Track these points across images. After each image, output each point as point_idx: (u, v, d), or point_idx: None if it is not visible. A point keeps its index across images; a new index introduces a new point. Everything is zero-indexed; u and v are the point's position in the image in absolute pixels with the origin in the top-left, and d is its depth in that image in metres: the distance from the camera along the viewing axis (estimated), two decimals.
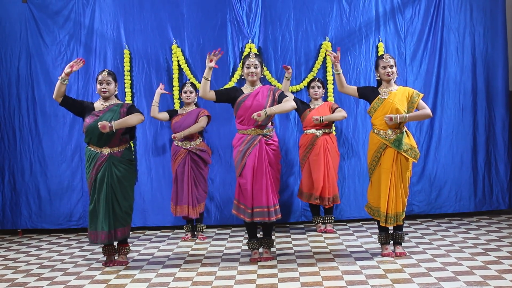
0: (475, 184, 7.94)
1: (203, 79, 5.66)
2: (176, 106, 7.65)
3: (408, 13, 7.87)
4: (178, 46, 7.73)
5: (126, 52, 7.72)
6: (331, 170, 7.07)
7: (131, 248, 6.26)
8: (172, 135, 7.05)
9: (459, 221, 7.63)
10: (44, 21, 7.76)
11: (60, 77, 5.57)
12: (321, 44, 7.76)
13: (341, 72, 5.76)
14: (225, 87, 7.67)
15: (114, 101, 5.79)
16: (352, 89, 5.85)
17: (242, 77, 5.93)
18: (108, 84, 5.70)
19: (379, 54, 7.73)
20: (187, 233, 7.17)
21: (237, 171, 5.75)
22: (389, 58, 5.69)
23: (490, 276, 4.88)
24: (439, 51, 7.86)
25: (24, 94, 7.79)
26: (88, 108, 5.72)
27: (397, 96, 5.61)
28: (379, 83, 5.79)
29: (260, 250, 5.88)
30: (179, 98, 7.63)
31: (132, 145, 5.95)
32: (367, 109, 5.87)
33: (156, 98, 7.10)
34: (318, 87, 7.20)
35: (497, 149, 7.97)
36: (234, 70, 7.74)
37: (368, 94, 5.77)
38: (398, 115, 5.49)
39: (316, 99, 7.21)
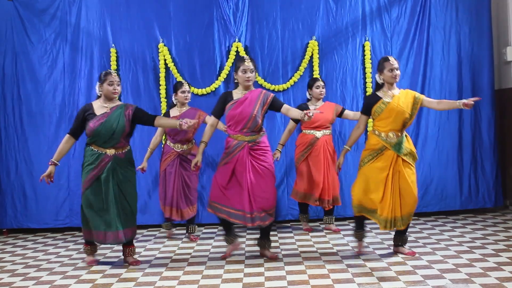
0: (461, 182, 7.98)
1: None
2: (163, 105, 7.63)
3: (394, 12, 7.90)
4: (165, 45, 7.71)
5: (113, 50, 7.69)
6: (331, 171, 6.97)
7: (115, 247, 6.28)
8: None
9: (445, 219, 7.68)
10: (30, 20, 7.71)
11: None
12: (308, 43, 7.78)
13: (347, 149, 5.83)
14: (212, 86, 7.68)
15: (117, 102, 5.73)
16: (364, 121, 5.72)
17: (236, 81, 5.78)
18: (118, 85, 5.64)
19: (365, 53, 7.77)
20: (168, 230, 7.14)
21: (218, 167, 5.81)
22: (395, 60, 5.59)
23: (475, 273, 4.91)
24: (425, 50, 7.90)
25: (9, 93, 7.73)
26: (88, 114, 5.60)
27: (401, 99, 5.53)
28: (379, 85, 5.67)
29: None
30: (166, 97, 7.62)
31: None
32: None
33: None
34: (323, 87, 7.09)
35: (483, 147, 8.02)
36: (221, 69, 7.73)
37: (371, 105, 5.60)
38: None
39: (319, 99, 7.09)
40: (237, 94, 5.75)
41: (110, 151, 5.58)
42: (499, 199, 8.09)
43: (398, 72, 5.57)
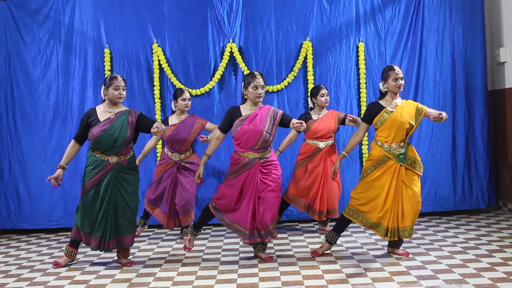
0: (454, 183, 8.01)
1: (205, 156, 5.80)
2: (157, 106, 7.61)
3: (388, 13, 7.92)
4: (159, 46, 7.70)
5: (107, 51, 7.67)
6: (329, 183, 6.85)
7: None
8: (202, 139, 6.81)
9: (439, 220, 7.70)
10: (23, 20, 7.69)
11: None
12: (302, 43, 7.78)
13: (344, 155, 5.83)
14: (206, 86, 7.67)
15: (121, 107, 5.68)
16: (364, 129, 5.67)
17: (245, 96, 5.68)
18: (123, 90, 5.60)
19: (359, 54, 7.78)
20: (140, 227, 7.14)
21: (225, 180, 5.75)
22: (400, 69, 5.57)
23: (468, 274, 4.93)
24: (419, 51, 7.92)
25: (3, 93, 7.71)
26: (91, 120, 5.57)
27: (404, 109, 5.50)
28: (382, 94, 5.65)
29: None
30: (160, 98, 7.61)
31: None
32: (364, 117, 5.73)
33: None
34: (327, 95, 6.97)
35: (476, 148, 8.04)
36: (215, 69, 7.73)
37: (373, 114, 5.56)
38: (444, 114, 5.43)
39: (324, 107, 6.99)
40: (245, 109, 5.66)
41: (112, 159, 5.56)
42: (492, 200, 8.12)
43: (402, 82, 5.55)
